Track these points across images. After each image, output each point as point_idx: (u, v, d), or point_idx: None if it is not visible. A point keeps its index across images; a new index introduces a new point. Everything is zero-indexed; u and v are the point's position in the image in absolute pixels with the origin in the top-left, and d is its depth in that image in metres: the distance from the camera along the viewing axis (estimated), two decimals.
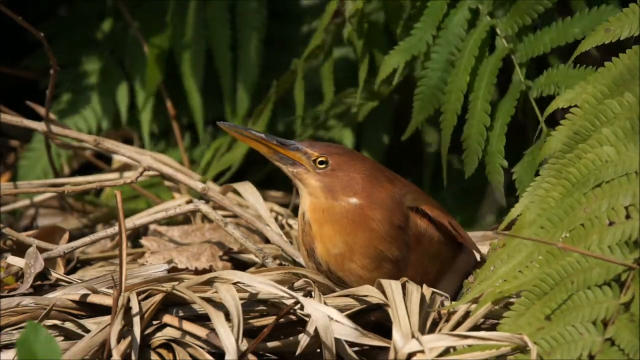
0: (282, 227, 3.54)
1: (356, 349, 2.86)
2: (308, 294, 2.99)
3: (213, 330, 2.80)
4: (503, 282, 2.74)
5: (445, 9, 3.40)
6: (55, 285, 3.09)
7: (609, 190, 2.70)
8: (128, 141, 4.22)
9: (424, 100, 3.42)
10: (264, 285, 2.84)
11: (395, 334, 2.76)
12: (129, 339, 2.79)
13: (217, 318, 2.77)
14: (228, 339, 2.74)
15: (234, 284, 2.85)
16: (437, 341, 2.71)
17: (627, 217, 2.66)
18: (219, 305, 2.83)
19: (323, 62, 3.82)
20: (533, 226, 2.77)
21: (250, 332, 2.86)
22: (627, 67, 2.87)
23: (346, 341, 2.79)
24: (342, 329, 2.78)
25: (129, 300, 2.83)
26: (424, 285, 2.92)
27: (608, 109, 2.82)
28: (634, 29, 2.96)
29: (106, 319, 2.84)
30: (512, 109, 3.31)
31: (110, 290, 2.92)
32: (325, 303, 2.87)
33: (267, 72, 4.10)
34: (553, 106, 3.04)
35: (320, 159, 3.07)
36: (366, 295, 2.92)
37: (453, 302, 2.90)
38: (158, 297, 2.85)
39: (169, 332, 2.86)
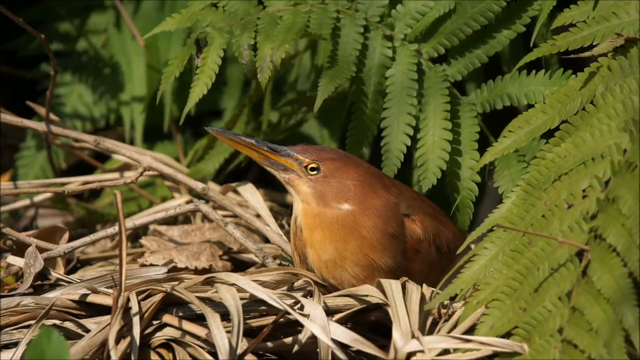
0: (282, 227, 3.54)
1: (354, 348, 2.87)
2: (308, 294, 2.99)
3: None
4: (477, 292, 2.79)
5: (360, 41, 3.36)
6: (55, 285, 3.10)
7: (568, 180, 2.78)
8: (122, 139, 4.19)
9: (359, 135, 3.36)
10: (258, 291, 2.83)
11: (395, 334, 2.77)
12: (128, 338, 2.80)
13: (212, 319, 2.77)
14: (222, 340, 2.74)
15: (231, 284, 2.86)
16: (438, 343, 2.72)
17: (584, 197, 2.74)
18: (219, 305, 2.84)
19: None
20: (496, 232, 2.83)
21: (250, 332, 2.86)
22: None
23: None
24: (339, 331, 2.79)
25: (128, 300, 2.84)
26: (424, 285, 2.92)
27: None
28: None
29: (106, 318, 2.85)
30: (475, 125, 3.28)
31: (110, 290, 2.92)
32: (325, 303, 2.88)
33: None
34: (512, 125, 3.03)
35: (311, 165, 3.05)
36: (366, 295, 2.92)
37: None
38: (158, 297, 2.86)
39: (168, 332, 2.87)
